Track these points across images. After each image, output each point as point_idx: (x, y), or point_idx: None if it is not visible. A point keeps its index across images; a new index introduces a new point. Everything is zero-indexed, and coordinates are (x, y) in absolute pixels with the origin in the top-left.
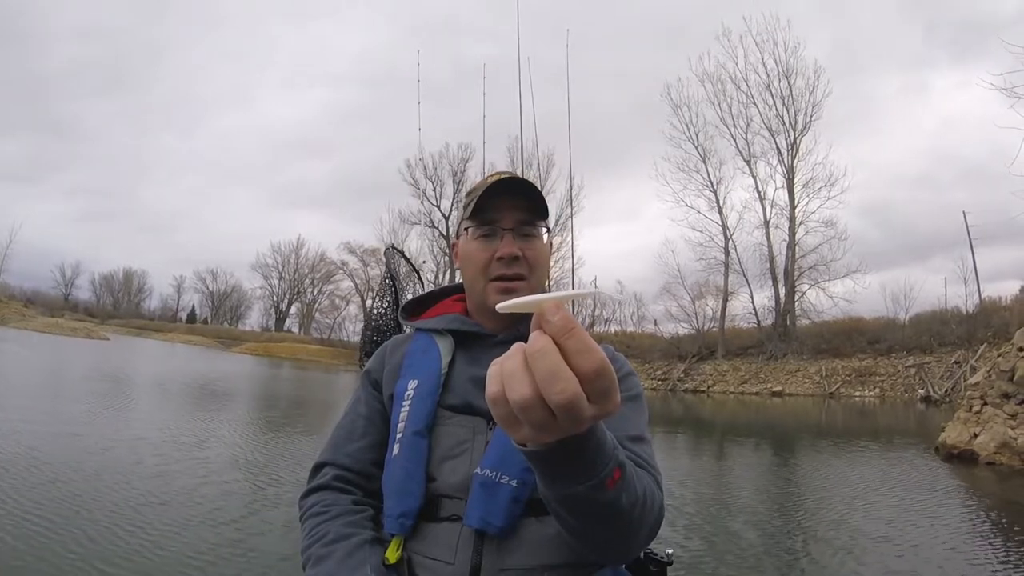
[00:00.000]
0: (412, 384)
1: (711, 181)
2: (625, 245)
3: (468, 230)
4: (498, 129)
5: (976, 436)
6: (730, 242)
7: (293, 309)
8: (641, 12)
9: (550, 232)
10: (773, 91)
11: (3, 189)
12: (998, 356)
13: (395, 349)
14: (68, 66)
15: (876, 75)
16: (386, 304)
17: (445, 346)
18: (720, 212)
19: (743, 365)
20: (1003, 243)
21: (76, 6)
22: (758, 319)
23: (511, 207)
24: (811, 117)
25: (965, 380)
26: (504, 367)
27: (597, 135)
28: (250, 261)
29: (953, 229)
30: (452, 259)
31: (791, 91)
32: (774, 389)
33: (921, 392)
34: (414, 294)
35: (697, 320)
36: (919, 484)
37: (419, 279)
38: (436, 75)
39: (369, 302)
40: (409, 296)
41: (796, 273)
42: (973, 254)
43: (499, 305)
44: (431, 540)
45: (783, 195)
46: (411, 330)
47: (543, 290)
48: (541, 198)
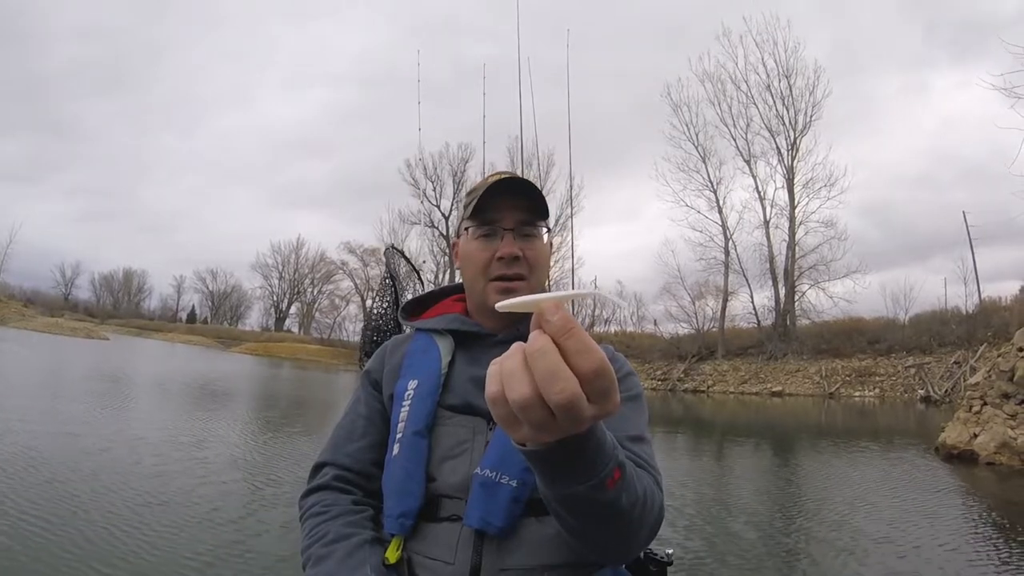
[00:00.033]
0: (412, 384)
1: (711, 181)
2: (625, 245)
3: (468, 230)
4: (498, 129)
5: (976, 436)
6: (730, 242)
7: (293, 309)
8: (641, 12)
9: (550, 232)
10: (773, 91)
11: (3, 189)
12: (998, 356)
13: (395, 349)
14: (68, 66)
15: (876, 75)
16: (386, 304)
17: (445, 346)
18: (720, 212)
19: (743, 365)
20: (1003, 243)
21: (76, 6)
22: (758, 319)
23: (511, 207)
24: (811, 117)
25: (965, 380)
26: (504, 367)
27: (597, 135)
28: (250, 261)
29: (953, 229)
30: (452, 259)
31: (791, 91)
32: (774, 389)
33: (921, 392)
34: (414, 294)
35: (697, 320)
36: (919, 484)
37: (419, 279)
38: (436, 75)
39: (369, 302)
40: (409, 296)
41: (796, 273)
42: (973, 254)
43: (498, 304)
44: (431, 540)
45: (783, 195)
46: (411, 330)
47: (543, 290)
48: (542, 198)
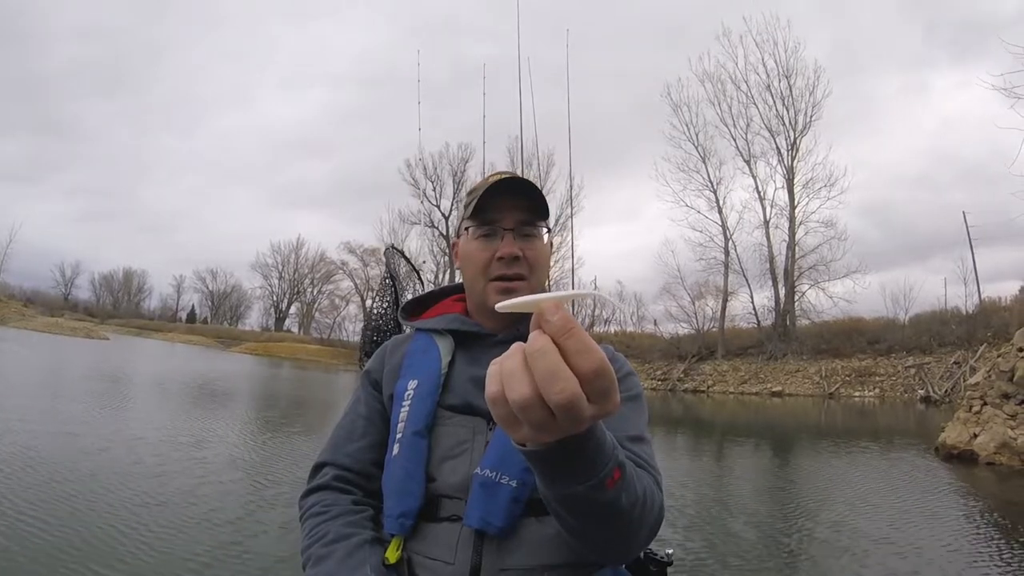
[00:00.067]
0: (412, 384)
1: (711, 181)
2: (625, 245)
3: (468, 230)
4: (498, 129)
5: (976, 436)
6: (730, 242)
7: (293, 309)
8: (641, 12)
9: (550, 232)
10: (773, 91)
11: (3, 189)
12: (998, 356)
13: (395, 349)
14: (68, 66)
15: (876, 75)
16: (386, 304)
17: (445, 346)
18: (720, 212)
19: (743, 365)
20: (1003, 243)
21: (76, 6)
22: (758, 319)
23: (512, 207)
24: (811, 117)
25: (965, 380)
26: (503, 367)
27: (597, 135)
28: (250, 261)
29: (953, 229)
30: (452, 259)
31: (791, 91)
32: (774, 389)
33: (921, 392)
34: (414, 294)
35: (697, 320)
36: (919, 484)
37: (419, 279)
38: (436, 75)
39: (369, 302)
40: (409, 296)
41: (796, 273)
42: (973, 254)
43: (498, 305)
44: (431, 540)
45: (783, 195)
46: (411, 330)
47: (543, 290)
48: (542, 198)
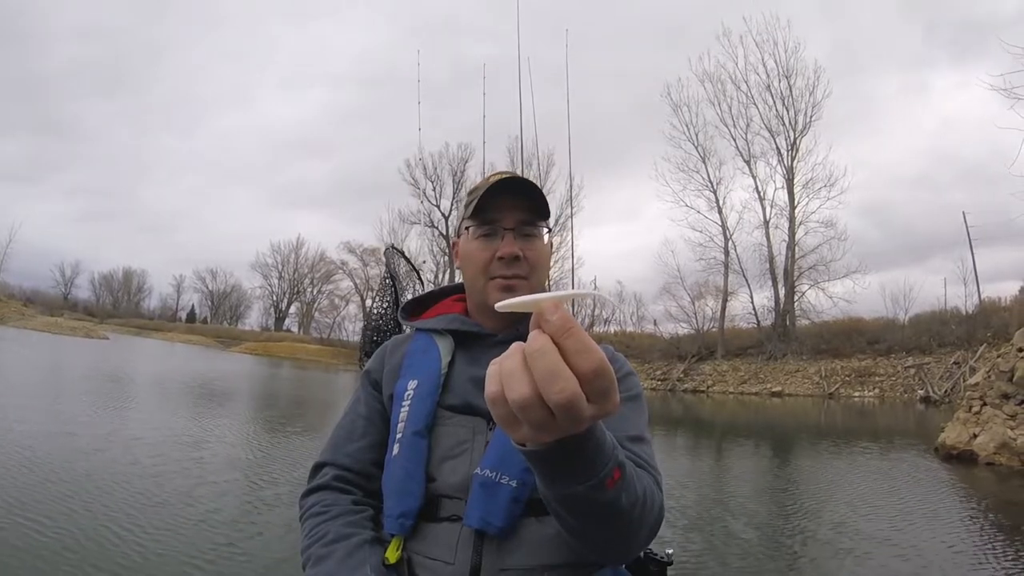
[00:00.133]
0: (412, 384)
1: (711, 181)
2: (625, 245)
3: (469, 229)
4: (498, 129)
5: (975, 437)
6: (730, 242)
7: (293, 309)
8: (641, 12)
9: (551, 232)
10: (773, 91)
11: (3, 189)
12: (997, 357)
13: (395, 349)
14: (68, 66)
15: (876, 75)
16: (386, 304)
17: (445, 346)
18: (720, 212)
19: (743, 365)
20: (1003, 244)
21: (76, 6)
22: (758, 319)
23: (512, 207)
24: (811, 117)
25: (964, 381)
26: (503, 366)
27: (597, 135)
28: (250, 261)
29: (953, 230)
30: (452, 259)
31: (791, 91)
32: (773, 389)
33: (920, 392)
34: (414, 294)
35: (697, 320)
36: (919, 485)
37: (419, 279)
38: (436, 75)
39: (369, 302)
40: (409, 296)
41: (796, 273)
42: (973, 255)
43: (498, 304)
44: (431, 540)
45: (783, 195)
46: (411, 330)
47: (543, 290)
48: (542, 198)
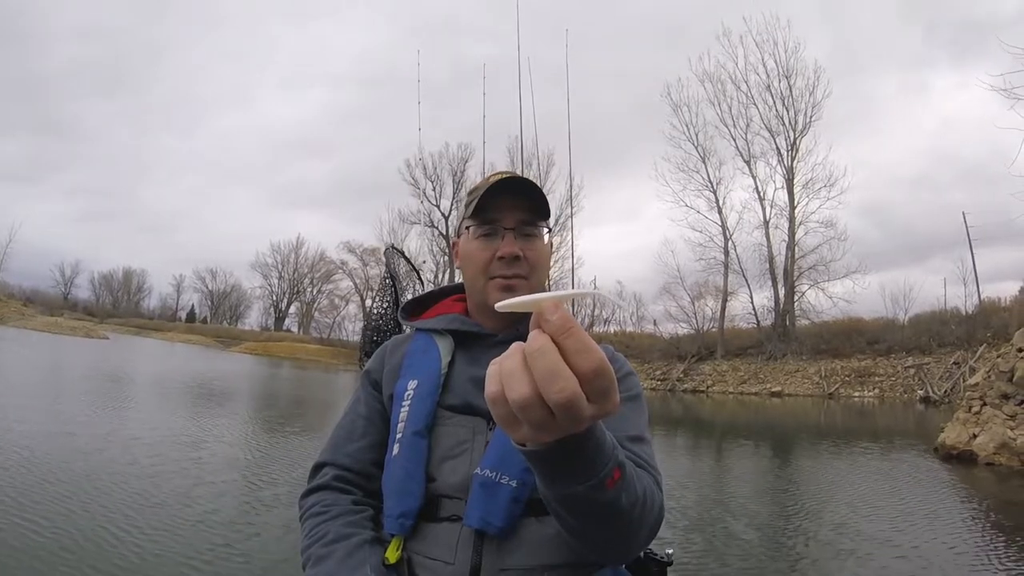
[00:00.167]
0: (412, 384)
1: (711, 181)
2: (625, 245)
3: (469, 229)
4: (498, 129)
5: (975, 437)
6: (730, 242)
7: (292, 308)
8: (641, 12)
9: (551, 232)
10: (773, 91)
11: (3, 189)
12: (997, 357)
13: (395, 349)
14: (68, 66)
15: (876, 75)
16: (386, 304)
17: (445, 346)
18: (720, 212)
19: (742, 365)
20: (1002, 244)
21: (76, 6)
22: (757, 319)
23: (512, 207)
24: (811, 117)
25: (964, 381)
26: (503, 366)
27: (597, 135)
28: (249, 261)
29: (952, 230)
30: (452, 258)
31: (791, 91)
32: (773, 389)
33: (920, 393)
34: (414, 294)
35: (696, 320)
36: (920, 485)
37: (419, 279)
38: (436, 75)
39: (369, 302)
40: (409, 296)
41: (795, 273)
42: (972, 255)
43: (498, 304)
44: (431, 540)
45: (783, 195)
46: (411, 330)
47: (543, 290)
48: (543, 198)
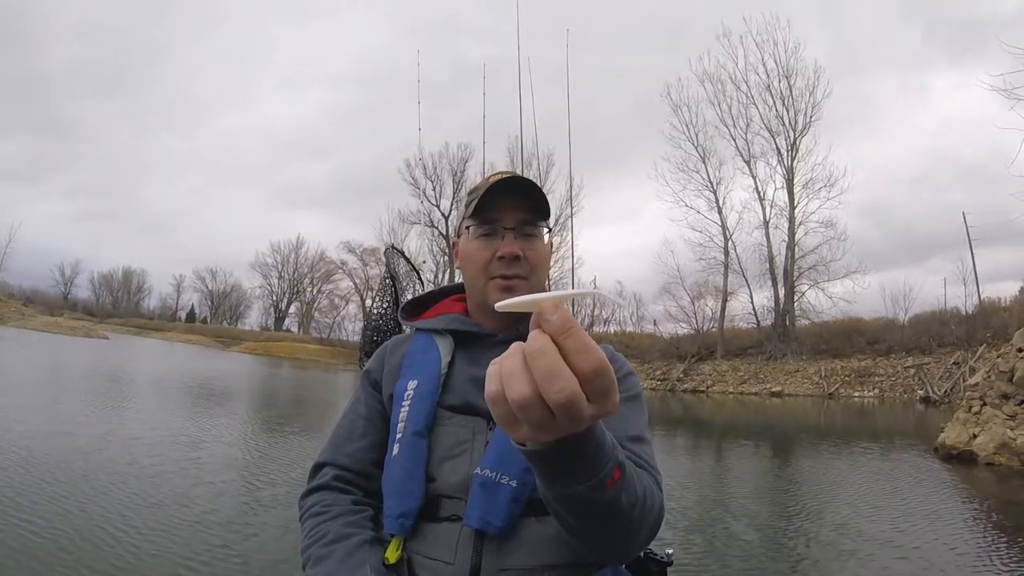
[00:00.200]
0: (412, 384)
1: (711, 181)
2: (625, 245)
3: (469, 229)
4: (498, 129)
5: (975, 437)
6: (730, 242)
7: (292, 308)
8: (641, 12)
9: (551, 232)
10: (773, 91)
11: (3, 189)
12: (997, 357)
13: (395, 349)
14: (68, 66)
15: (876, 75)
16: (386, 304)
17: (445, 346)
18: (720, 212)
19: (742, 365)
20: (1002, 244)
21: (76, 6)
22: (757, 319)
23: (513, 207)
24: (811, 118)
25: (964, 381)
26: (503, 366)
27: (597, 135)
28: (249, 261)
29: (952, 230)
30: (452, 259)
31: (791, 92)
32: (773, 389)
33: (920, 393)
34: (414, 294)
35: (696, 320)
36: (920, 485)
37: (419, 279)
38: (436, 75)
39: (369, 302)
40: (409, 296)
41: (795, 273)
42: (972, 255)
43: (498, 304)
44: (431, 540)
45: (783, 195)
46: (411, 330)
47: (543, 290)
48: (543, 198)
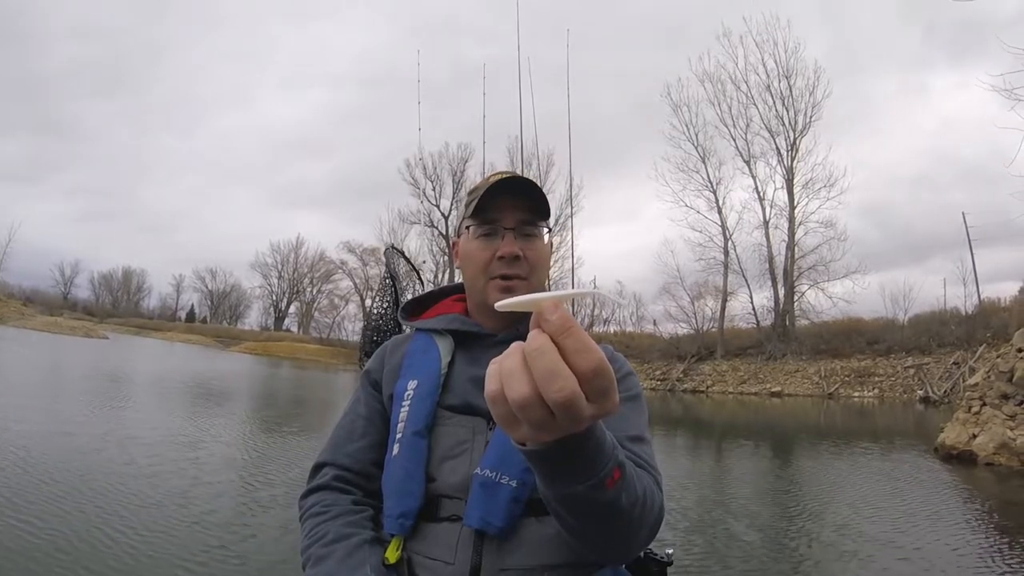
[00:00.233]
0: (412, 384)
1: (711, 181)
2: (624, 245)
3: (469, 229)
4: (498, 129)
5: (975, 437)
6: (729, 242)
7: (292, 308)
8: (641, 12)
9: (551, 232)
10: (773, 91)
11: (3, 189)
12: (997, 357)
13: (395, 349)
14: (68, 66)
15: (876, 75)
16: (386, 304)
17: (445, 346)
18: (719, 212)
19: (742, 365)
20: (1002, 244)
21: (76, 6)
22: (757, 319)
23: (513, 207)
24: (811, 118)
25: (964, 381)
26: (503, 366)
27: (597, 135)
28: (249, 260)
29: (952, 230)
30: (452, 259)
31: (791, 92)
32: (773, 389)
33: (920, 393)
34: (414, 294)
35: (696, 320)
36: (921, 486)
37: (419, 279)
38: (436, 75)
39: (369, 302)
40: (409, 296)
41: (795, 273)
42: (972, 255)
43: (498, 304)
44: (431, 540)
45: (782, 195)
46: (411, 330)
47: (543, 290)
48: (543, 198)
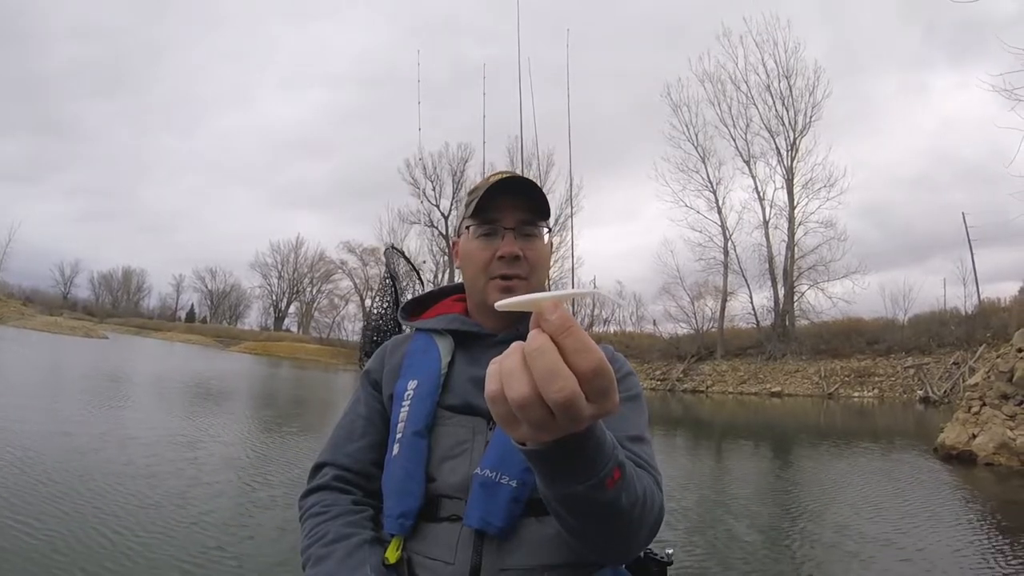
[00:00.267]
0: (412, 384)
1: (710, 181)
2: (624, 245)
3: (469, 229)
4: (498, 129)
5: (975, 437)
6: (729, 242)
7: (292, 308)
8: (641, 12)
9: (551, 232)
10: (773, 92)
11: (3, 189)
12: (997, 357)
13: (395, 349)
14: (68, 66)
15: (876, 75)
16: (386, 304)
17: (445, 346)
18: (719, 212)
19: (742, 365)
20: (1002, 244)
21: (76, 6)
22: (757, 319)
23: (513, 207)
24: (811, 118)
25: (964, 381)
26: (503, 366)
27: (597, 135)
28: (249, 260)
29: (952, 230)
30: (452, 259)
31: (791, 92)
32: (773, 389)
33: (920, 393)
34: (414, 294)
35: (696, 320)
36: (921, 486)
37: (419, 279)
38: (436, 75)
39: (369, 302)
40: (409, 296)
41: (795, 274)
42: (972, 255)
43: (498, 303)
44: (431, 540)
45: (782, 196)
46: (411, 330)
47: (543, 290)
48: (543, 198)
